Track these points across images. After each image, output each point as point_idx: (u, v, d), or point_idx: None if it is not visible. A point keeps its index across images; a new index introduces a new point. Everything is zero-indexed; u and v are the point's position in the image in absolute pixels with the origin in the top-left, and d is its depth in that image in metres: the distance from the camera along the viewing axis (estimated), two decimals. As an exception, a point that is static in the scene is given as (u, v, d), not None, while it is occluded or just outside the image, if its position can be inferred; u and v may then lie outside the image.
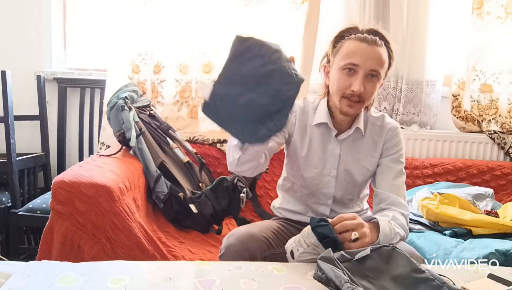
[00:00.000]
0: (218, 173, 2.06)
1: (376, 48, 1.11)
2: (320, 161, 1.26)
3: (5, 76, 1.82)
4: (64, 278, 0.86)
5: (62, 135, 2.24)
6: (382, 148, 1.26)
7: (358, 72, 1.12)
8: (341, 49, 1.15)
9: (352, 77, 1.13)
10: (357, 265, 0.88)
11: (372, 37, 1.11)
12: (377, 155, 1.26)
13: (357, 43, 1.11)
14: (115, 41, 2.09)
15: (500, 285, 0.91)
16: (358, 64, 1.11)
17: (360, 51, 1.11)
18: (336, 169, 1.26)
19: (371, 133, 1.27)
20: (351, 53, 1.12)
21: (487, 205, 1.82)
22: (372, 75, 1.12)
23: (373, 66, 1.11)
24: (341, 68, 1.14)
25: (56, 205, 1.28)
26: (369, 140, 1.26)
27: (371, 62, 1.11)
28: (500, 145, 2.20)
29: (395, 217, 1.14)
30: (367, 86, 1.12)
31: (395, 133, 1.26)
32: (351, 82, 1.12)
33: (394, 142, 1.26)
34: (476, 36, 2.17)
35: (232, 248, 1.08)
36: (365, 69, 1.11)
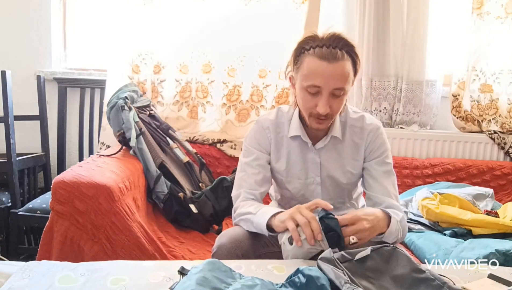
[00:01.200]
0: (218, 173, 2.06)
1: (337, 65, 1.05)
2: (302, 171, 1.24)
3: (5, 76, 1.82)
4: (64, 278, 0.86)
5: (62, 135, 2.24)
6: (365, 152, 1.23)
7: (322, 93, 1.07)
8: (302, 66, 1.09)
9: (316, 98, 1.09)
10: (357, 265, 0.87)
11: (332, 51, 1.04)
12: (360, 158, 1.23)
13: (317, 62, 1.05)
14: (115, 41, 2.09)
15: (500, 285, 0.91)
16: (320, 85, 1.06)
17: (321, 71, 1.05)
18: (319, 176, 1.24)
19: (351, 136, 1.23)
20: (312, 74, 1.06)
21: (487, 205, 1.82)
22: (336, 94, 1.08)
23: (336, 85, 1.06)
24: (304, 88, 1.09)
25: (56, 205, 1.28)
26: (350, 143, 1.23)
27: (333, 82, 1.06)
28: (500, 145, 2.20)
29: (402, 220, 1.14)
30: (333, 104, 1.09)
31: (377, 134, 1.22)
32: (316, 102, 1.09)
33: (377, 144, 1.22)
34: (476, 36, 2.17)
35: (224, 247, 1.07)
36: (328, 90, 1.07)
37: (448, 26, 2.19)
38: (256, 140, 1.25)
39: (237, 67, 2.15)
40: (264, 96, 2.19)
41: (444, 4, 2.16)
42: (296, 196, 1.27)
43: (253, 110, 2.20)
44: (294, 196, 1.27)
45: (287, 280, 0.81)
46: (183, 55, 2.14)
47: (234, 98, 2.19)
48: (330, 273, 0.80)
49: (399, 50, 2.14)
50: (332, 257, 0.85)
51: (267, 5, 2.10)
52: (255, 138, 1.25)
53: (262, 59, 2.15)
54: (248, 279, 0.80)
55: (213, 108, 2.20)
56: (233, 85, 2.18)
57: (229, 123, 2.20)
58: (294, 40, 2.11)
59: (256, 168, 1.22)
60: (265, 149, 1.25)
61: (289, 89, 2.16)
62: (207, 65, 2.16)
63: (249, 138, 1.27)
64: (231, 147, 2.13)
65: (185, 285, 0.74)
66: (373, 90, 2.20)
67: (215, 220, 1.77)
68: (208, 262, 0.83)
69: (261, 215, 1.08)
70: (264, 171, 1.23)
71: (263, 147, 1.25)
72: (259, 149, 1.24)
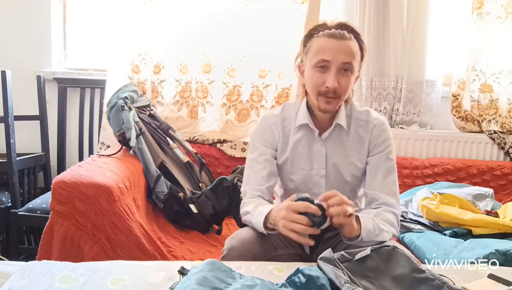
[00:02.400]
0: (218, 173, 2.06)
1: (345, 42, 1.11)
2: (307, 162, 1.24)
3: (5, 76, 1.82)
4: (64, 278, 0.86)
5: (62, 135, 2.24)
6: (369, 145, 1.23)
7: (330, 68, 1.11)
8: (311, 47, 1.15)
9: (325, 73, 1.12)
10: (357, 265, 0.88)
11: (340, 32, 1.11)
12: (364, 151, 1.24)
13: (326, 39, 1.11)
14: (115, 41, 2.09)
15: (500, 285, 0.91)
16: (329, 59, 1.11)
17: (329, 46, 1.10)
18: (324, 168, 1.24)
19: (356, 129, 1.24)
20: (321, 50, 1.12)
21: (487, 205, 1.82)
22: (345, 69, 1.12)
23: (345, 59, 1.10)
24: (313, 66, 1.14)
25: (56, 205, 1.28)
26: (355, 135, 1.24)
27: (342, 56, 1.10)
28: (500, 145, 2.20)
29: (379, 214, 1.13)
30: (341, 81, 1.12)
31: (382, 129, 1.23)
32: (324, 78, 1.12)
33: (381, 138, 1.22)
34: (476, 36, 2.17)
35: (236, 250, 1.07)
36: (337, 64, 1.11)
37: (448, 26, 2.19)
38: (261, 136, 1.27)
39: (237, 67, 2.15)
40: (264, 96, 2.19)
41: (444, 4, 2.16)
42: (300, 187, 1.27)
43: (253, 110, 2.20)
44: (298, 187, 1.27)
45: (287, 280, 0.81)
46: (183, 55, 2.14)
47: (234, 98, 2.19)
48: (330, 273, 0.80)
49: (399, 50, 2.14)
50: (332, 257, 0.85)
51: (267, 5, 2.10)
52: (260, 134, 1.27)
53: (262, 59, 2.15)
54: (248, 279, 0.80)
55: (213, 108, 2.20)
56: (233, 85, 2.18)
57: (229, 123, 2.20)
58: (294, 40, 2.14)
59: (261, 163, 1.24)
60: (271, 144, 1.26)
61: (289, 89, 2.17)
62: (207, 65, 2.16)
63: (254, 135, 1.29)
64: (231, 147, 2.13)
65: (185, 285, 0.74)
66: (373, 90, 2.20)
67: (215, 220, 1.76)
68: (208, 262, 0.83)
69: (257, 216, 1.11)
70: (270, 165, 1.24)
71: (269, 142, 1.26)
72: (264, 145, 1.26)
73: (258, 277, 0.82)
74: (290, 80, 2.15)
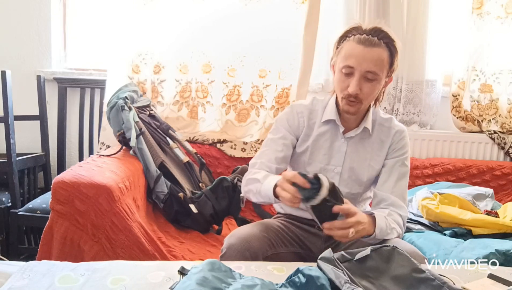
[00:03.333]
0: (218, 173, 2.06)
1: (372, 50, 1.12)
2: (325, 156, 1.27)
3: (5, 76, 1.82)
4: (64, 278, 0.86)
5: (62, 135, 2.24)
6: (388, 149, 1.28)
7: (354, 74, 1.14)
8: (342, 50, 1.17)
9: (349, 78, 1.15)
10: (357, 265, 0.87)
11: (370, 38, 1.12)
12: (383, 155, 1.28)
13: (354, 45, 1.13)
14: (115, 41, 2.09)
15: (500, 285, 0.91)
16: (354, 66, 1.13)
17: (355, 53, 1.13)
18: (341, 166, 1.27)
19: (378, 134, 1.28)
20: (348, 55, 1.14)
21: (487, 205, 1.82)
22: (368, 77, 1.14)
23: (369, 68, 1.12)
24: (340, 69, 1.17)
25: (56, 205, 1.28)
26: (377, 139, 1.28)
27: (366, 64, 1.12)
28: (500, 145, 2.20)
29: (390, 214, 1.16)
30: (364, 87, 1.15)
31: (402, 136, 1.29)
32: (348, 83, 1.16)
33: (401, 144, 1.27)
34: (476, 36, 2.17)
35: (234, 248, 1.08)
36: (361, 71, 1.13)
37: (448, 26, 2.19)
38: (287, 121, 1.30)
39: (237, 67, 2.15)
40: (264, 96, 2.19)
41: (444, 4, 2.16)
42: None
43: (253, 110, 2.20)
44: None
45: (287, 280, 0.81)
46: (183, 55, 2.14)
47: (234, 98, 2.19)
48: (330, 273, 0.80)
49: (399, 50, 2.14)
50: (332, 257, 0.85)
51: (267, 5, 2.10)
52: (286, 120, 1.30)
53: (262, 59, 2.15)
54: (248, 279, 0.80)
55: (213, 108, 2.20)
56: (233, 85, 2.18)
57: (229, 123, 2.20)
58: (294, 40, 2.14)
59: (280, 146, 1.27)
60: (294, 132, 1.29)
61: (289, 89, 2.17)
62: (207, 65, 2.16)
63: (280, 119, 1.32)
64: (231, 147, 2.13)
65: (185, 285, 0.74)
66: (373, 90, 2.20)
67: (215, 220, 1.77)
68: (208, 262, 0.83)
69: (267, 184, 1.11)
70: (286, 150, 1.27)
71: (292, 129, 1.29)
72: (288, 130, 1.29)
73: (258, 277, 0.81)
74: (290, 80, 2.15)
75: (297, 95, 2.13)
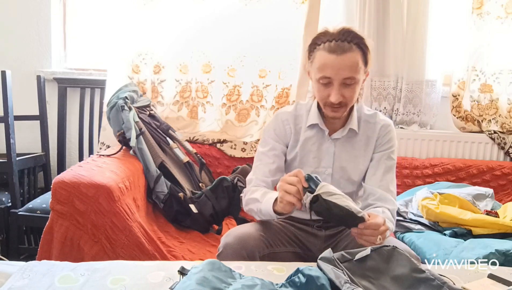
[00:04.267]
0: (218, 173, 2.06)
1: (345, 56, 1.11)
2: (315, 159, 1.29)
3: (5, 76, 1.82)
4: (64, 278, 0.86)
5: (62, 135, 2.24)
6: (375, 143, 1.29)
7: (333, 84, 1.14)
8: (314, 60, 1.17)
9: (328, 88, 1.16)
10: (357, 265, 0.87)
11: (340, 44, 1.11)
12: (370, 150, 1.29)
13: (326, 55, 1.12)
14: (115, 41, 2.09)
15: (500, 285, 0.91)
16: (331, 76, 1.13)
17: (330, 64, 1.12)
18: (331, 167, 1.28)
19: (364, 130, 1.29)
20: (322, 66, 1.14)
21: (487, 205, 1.82)
22: (347, 83, 1.14)
23: (346, 75, 1.12)
24: (317, 80, 1.17)
25: (56, 205, 1.28)
26: (363, 137, 1.29)
27: (342, 72, 1.12)
28: (500, 145, 2.20)
29: (383, 212, 1.17)
30: (345, 93, 1.15)
31: (388, 130, 1.29)
32: (328, 92, 1.16)
33: (387, 138, 1.28)
34: (476, 36, 2.17)
35: (230, 247, 1.09)
36: (339, 80, 1.13)
37: (448, 26, 2.19)
38: (274, 131, 1.31)
39: (237, 67, 2.15)
40: (264, 96, 2.19)
41: (444, 4, 2.16)
42: None
43: (253, 110, 2.20)
44: None
45: (287, 280, 0.81)
46: (183, 55, 2.14)
47: (234, 98, 2.19)
48: (330, 273, 0.80)
49: (399, 50, 2.14)
50: (332, 257, 0.85)
51: (267, 5, 2.10)
52: (273, 130, 1.31)
53: (262, 59, 2.15)
54: (248, 279, 0.80)
55: (213, 108, 2.20)
56: (233, 85, 2.18)
57: (229, 123, 2.20)
58: (294, 40, 2.14)
59: (271, 158, 1.28)
60: (282, 140, 1.31)
61: (289, 89, 2.17)
62: (207, 65, 2.16)
63: (267, 130, 1.34)
64: (231, 147, 2.13)
65: (185, 285, 0.74)
66: (373, 90, 2.21)
67: (215, 220, 1.77)
68: (208, 262, 0.83)
69: (266, 202, 1.13)
70: (278, 160, 1.29)
71: (280, 138, 1.31)
72: (276, 140, 1.30)
73: (258, 277, 0.81)
74: (290, 80, 2.15)
75: (297, 95, 2.13)
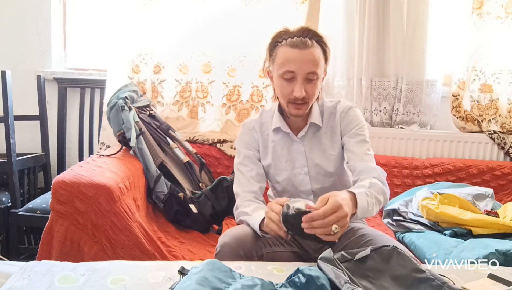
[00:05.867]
0: (218, 173, 2.06)
1: (308, 51, 1.14)
2: (288, 162, 1.29)
3: (5, 76, 1.82)
4: (64, 278, 0.86)
5: (62, 135, 2.24)
6: (340, 129, 1.29)
7: (297, 78, 1.16)
8: (276, 57, 1.19)
9: (291, 83, 1.17)
10: (357, 265, 0.88)
11: (302, 40, 1.14)
12: (337, 139, 1.29)
13: (289, 50, 1.15)
14: (115, 41, 2.09)
15: (500, 285, 0.91)
16: (294, 70, 1.15)
17: (293, 58, 1.14)
18: (306, 166, 1.29)
19: (327, 122, 1.30)
20: (285, 61, 1.16)
21: (487, 205, 1.82)
22: (310, 78, 1.16)
23: (309, 69, 1.15)
24: (280, 76, 1.18)
25: (56, 205, 1.28)
26: (328, 128, 1.30)
27: (306, 66, 1.14)
28: (500, 145, 2.20)
29: (372, 184, 1.10)
30: (308, 88, 1.17)
31: (348, 112, 1.29)
32: (292, 88, 1.17)
33: (348, 120, 1.28)
34: (476, 36, 2.17)
35: (228, 246, 1.09)
36: (302, 74, 1.15)
37: (448, 26, 2.19)
38: (243, 140, 1.33)
39: (237, 67, 2.15)
40: (264, 96, 2.19)
41: (444, 4, 2.16)
42: (286, 188, 1.32)
43: (253, 110, 2.20)
44: (285, 188, 1.32)
45: (287, 280, 0.81)
46: (183, 55, 2.15)
47: (234, 98, 2.19)
48: (330, 273, 0.80)
49: (399, 50, 2.14)
50: (332, 257, 0.85)
51: (267, 5, 2.10)
52: (242, 139, 1.34)
53: (262, 59, 2.13)
54: (248, 279, 0.80)
55: (213, 108, 2.20)
56: (233, 85, 2.18)
57: (229, 123, 2.20)
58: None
59: (248, 166, 1.30)
60: (253, 147, 1.33)
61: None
62: (207, 65, 2.16)
63: (237, 141, 1.36)
64: (231, 147, 2.13)
65: (185, 285, 0.74)
66: (373, 90, 2.21)
67: (215, 220, 1.77)
68: (208, 262, 0.83)
69: (254, 219, 1.14)
70: (256, 167, 1.30)
71: (251, 146, 1.33)
72: (247, 148, 1.32)
73: (258, 277, 0.82)
74: (290, 80, 2.15)
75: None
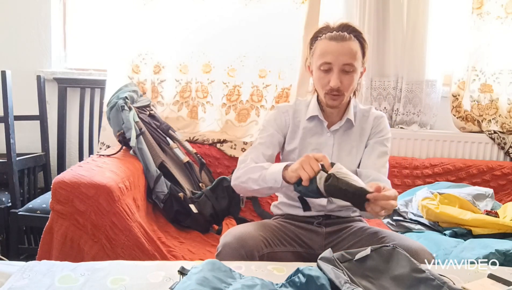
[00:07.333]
0: (218, 173, 2.06)
1: (345, 43, 1.21)
2: (314, 151, 1.32)
3: (5, 76, 1.82)
4: (64, 278, 0.86)
5: (62, 135, 2.24)
6: (369, 132, 1.36)
7: (333, 69, 1.22)
8: (316, 50, 1.26)
9: (328, 74, 1.24)
10: (357, 265, 0.88)
11: (340, 34, 1.20)
12: (364, 140, 1.36)
13: (327, 42, 1.22)
14: (115, 41, 2.09)
15: (500, 285, 0.91)
16: (331, 62, 1.22)
17: (330, 49, 1.21)
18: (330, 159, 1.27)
19: (360, 122, 1.37)
20: (323, 53, 1.23)
21: (487, 205, 1.82)
22: (346, 70, 1.22)
23: (345, 61, 1.21)
24: (318, 67, 1.25)
25: (56, 205, 1.28)
26: (358, 128, 1.36)
27: (342, 57, 1.21)
28: (500, 145, 2.20)
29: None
30: (343, 80, 1.23)
31: (381, 120, 1.37)
32: (328, 78, 1.24)
33: (380, 127, 1.36)
34: (476, 36, 2.17)
35: (229, 246, 1.09)
36: (338, 65, 1.21)
37: (448, 26, 2.19)
38: (275, 121, 1.37)
39: (237, 67, 2.15)
40: (264, 96, 2.19)
41: (444, 4, 2.16)
42: None
43: (253, 110, 2.20)
44: None
45: (287, 280, 0.81)
46: (183, 55, 2.14)
47: (234, 98, 2.19)
48: (330, 273, 0.80)
49: (399, 50, 2.14)
50: (332, 257, 0.85)
51: (267, 5, 2.10)
52: (274, 119, 1.38)
53: (262, 59, 2.15)
54: (248, 279, 0.80)
55: (213, 108, 2.20)
56: (233, 85, 2.18)
57: (229, 123, 2.20)
58: (294, 40, 2.14)
59: (268, 144, 1.34)
60: (281, 130, 1.37)
61: (289, 89, 2.17)
62: (207, 65, 2.16)
63: (267, 119, 1.40)
64: (231, 147, 2.13)
65: (185, 285, 0.74)
66: (373, 90, 2.21)
67: (215, 220, 1.77)
68: (208, 262, 0.83)
69: (274, 167, 1.17)
70: (273, 149, 1.34)
71: (280, 128, 1.37)
72: (275, 128, 1.36)
73: (258, 277, 0.81)
74: (290, 80, 2.15)
75: (297, 95, 2.13)
